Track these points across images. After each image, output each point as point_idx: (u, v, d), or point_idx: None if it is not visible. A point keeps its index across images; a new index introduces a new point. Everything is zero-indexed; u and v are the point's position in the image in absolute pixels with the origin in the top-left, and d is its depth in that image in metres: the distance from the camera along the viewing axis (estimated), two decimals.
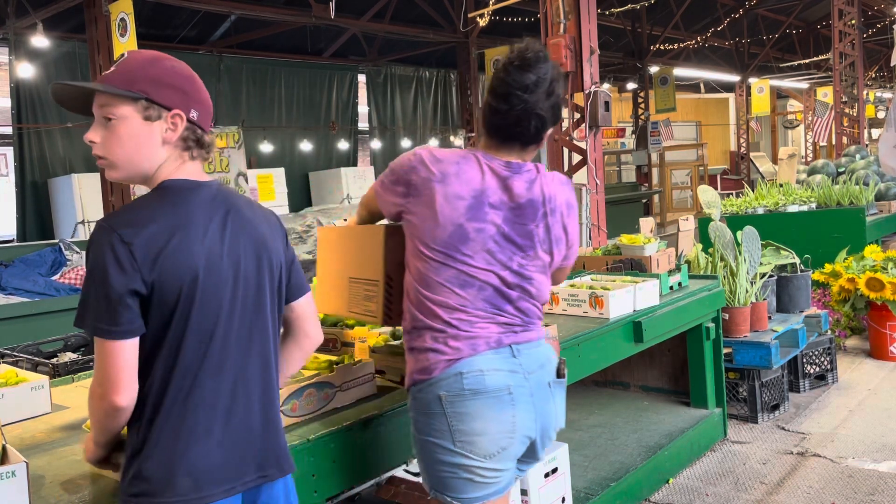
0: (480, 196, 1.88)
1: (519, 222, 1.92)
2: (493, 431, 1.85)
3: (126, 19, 7.49)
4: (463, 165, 1.91)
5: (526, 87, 1.87)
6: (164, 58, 1.59)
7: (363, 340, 2.64)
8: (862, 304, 5.47)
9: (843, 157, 9.44)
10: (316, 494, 1.96)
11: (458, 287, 1.88)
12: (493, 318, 1.90)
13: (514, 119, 1.90)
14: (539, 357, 1.95)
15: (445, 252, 1.87)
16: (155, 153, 1.54)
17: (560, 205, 1.98)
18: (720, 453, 3.90)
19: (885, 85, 23.33)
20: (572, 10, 5.79)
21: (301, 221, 9.74)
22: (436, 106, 16.36)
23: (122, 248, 1.41)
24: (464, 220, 1.87)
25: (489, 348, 1.88)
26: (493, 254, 1.89)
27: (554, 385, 1.97)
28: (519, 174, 1.94)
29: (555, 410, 1.98)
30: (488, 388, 1.84)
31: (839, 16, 12.03)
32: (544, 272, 1.98)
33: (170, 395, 1.48)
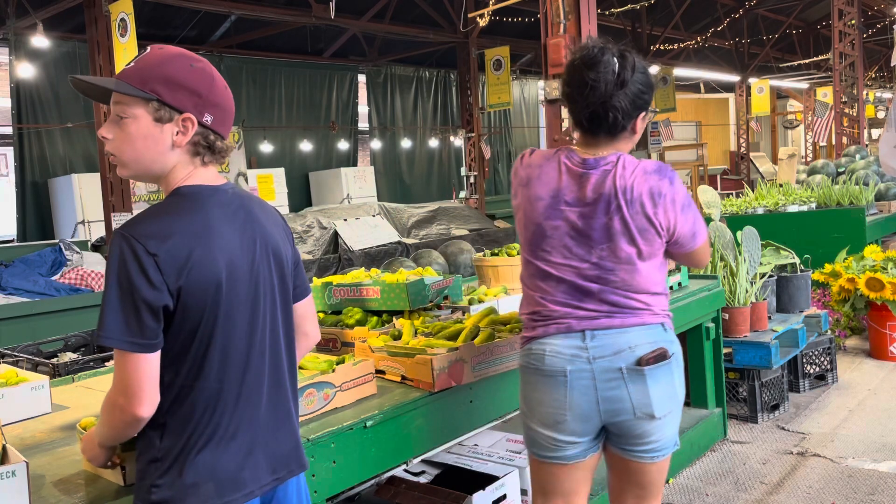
0: (557, 195, 2.02)
1: (593, 217, 1.99)
2: (547, 405, 2.03)
3: (126, 19, 7.49)
4: (545, 167, 2.06)
5: (589, 83, 1.95)
6: (184, 56, 1.54)
7: (363, 340, 2.64)
8: (862, 304, 5.47)
9: (843, 158, 9.44)
10: (316, 494, 1.96)
11: (540, 280, 2.06)
12: (570, 308, 2.02)
13: (588, 114, 1.99)
14: (617, 344, 1.99)
15: (530, 250, 2.08)
16: (165, 155, 1.52)
17: (640, 195, 1.96)
18: (720, 453, 3.90)
19: (885, 85, 23.33)
20: (572, 10, 5.79)
21: (301, 221, 9.74)
22: (436, 106, 16.36)
23: (148, 260, 1.39)
24: (542, 220, 2.03)
25: (559, 332, 2.02)
26: (570, 249, 2.01)
27: (630, 371, 1.97)
28: (595, 169, 2.00)
29: (635, 395, 1.98)
30: (545, 367, 2.02)
31: (839, 16, 12.02)
32: (631, 263, 1.99)
33: (195, 403, 1.47)
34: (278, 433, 1.60)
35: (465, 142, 13.41)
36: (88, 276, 7.27)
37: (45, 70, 10.52)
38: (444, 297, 3.01)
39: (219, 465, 1.48)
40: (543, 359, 2.02)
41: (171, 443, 1.46)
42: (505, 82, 12.80)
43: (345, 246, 9.29)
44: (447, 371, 2.31)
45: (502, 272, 3.56)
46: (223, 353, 1.49)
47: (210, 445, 1.48)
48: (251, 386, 1.54)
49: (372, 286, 2.93)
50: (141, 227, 1.43)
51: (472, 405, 2.46)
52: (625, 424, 2.01)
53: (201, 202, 1.51)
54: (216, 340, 1.48)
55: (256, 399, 1.55)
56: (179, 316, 1.44)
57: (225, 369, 1.49)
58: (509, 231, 11.42)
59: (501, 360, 2.47)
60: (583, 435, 2.04)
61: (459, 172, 15.16)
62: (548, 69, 5.91)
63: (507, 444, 3.00)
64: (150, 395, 1.42)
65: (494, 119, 17.14)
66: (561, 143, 6.07)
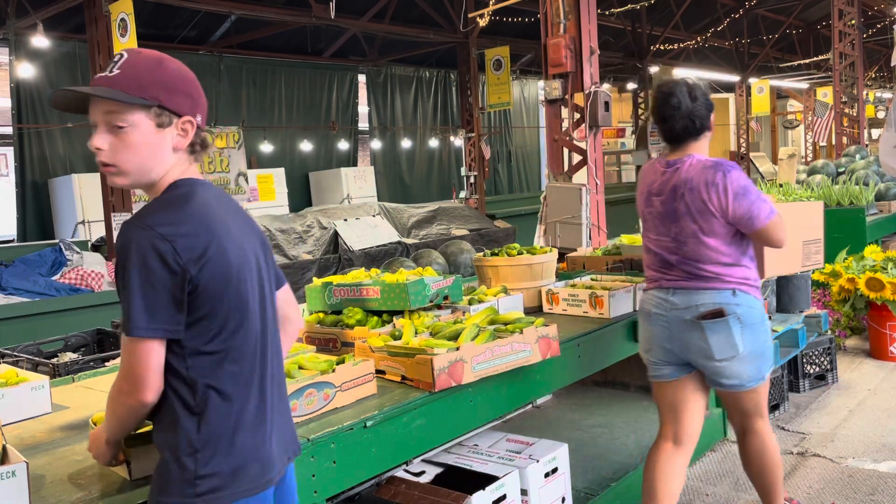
0: (650, 189, 2.77)
1: (668, 203, 2.68)
2: (643, 335, 2.82)
3: (126, 19, 7.48)
4: (646, 169, 2.84)
5: (664, 114, 2.70)
6: (167, 59, 1.56)
7: (363, 340, 2.64)
8: (862, 304, 5.47)
9: (843, 158, 9.44)
10: (316, 495, 1.96)
11: (646, 253, 2.84)
12: (661, 272, 2.74)
13: (665, 134, 2.75)
14: (689, 301, 2.64)
15: (642, 232, 2.86)
16: (166, 160, 1.53)
17: (697, 184, 2.60)
18: (720, 453, 3.90)
19: (885, 85, 23.32)
20: (572, 10, 5.79)
21: (301, 221, 9.74)
22: (436, 106, 16.36)
23: (166, 247, 1.40)
24: (643, 209, 2.81)
25: (654, 287, 2.77)
26: (658, 228, 2.74)
27: (692, 323, 2.61)
28: (673, 167, 2.70)
29: (695, 342, 2.61)
30: (642, 309, 2.83)
31: (839, 16, 12.02)
32: (696, 237, 2.62)
33: (229, 388, 1.50)
34: (285, 414, 1.68)
35: (465, 142, 13.40)
36: (88, 276, 7.27)
37: (45, 70, 10.51)
38: (445, 297, 3.00)
39: (259, 445, 1.53)
40: (643, 304, 2.81)
41: (211, 430, 1.48)
42: (505, 82, 12.80)
43: (345, 246, 9.29)
44: (447, 371, 2.31)
45: (502, 272, 3.56)
46: (245, 338, 1.54)
47: (247, 427, 1.52)
48: (270, 370, 1.61)
49: (372, 286, 2.93)
50: (154, 217, 1.44)
51: (473, 405, 2.46)
52: (696, 363, 2.66)
53: (200, 195, 1.53)
54: (240, 326, 1.52)
55: (273, 382, 1.62)
56: (202, 304, 1.46)
57: (249, 353, 1.54)
58: (509, 231, 11.42)
59: (502, 360, 2.47)
60: (667, 360, 2.72)
61: (459, 172, 15.16)
62: (548, 69, 5.90)
63: (506, 443, 3.00)
64: (156, 382, 1.45)
65: (494, 119, 17.13)
66: (561, 143, 6.07)
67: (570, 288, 3.45)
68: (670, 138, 2.72)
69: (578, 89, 5.86)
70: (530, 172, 18.39)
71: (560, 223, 5.67)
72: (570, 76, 5.86)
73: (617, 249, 4.04)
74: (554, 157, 6.15)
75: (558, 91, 5.89)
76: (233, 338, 1.51)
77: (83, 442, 2.07)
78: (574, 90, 5.89)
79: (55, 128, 10.74)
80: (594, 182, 5.83)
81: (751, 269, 2.67)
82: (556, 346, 2.64)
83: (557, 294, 3.43)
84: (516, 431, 3.20)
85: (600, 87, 5.84)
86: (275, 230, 9.21)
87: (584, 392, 4.39)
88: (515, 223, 11.99)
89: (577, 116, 6.01)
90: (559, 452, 2.87)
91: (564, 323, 3.17)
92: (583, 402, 4.23)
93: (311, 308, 3.18)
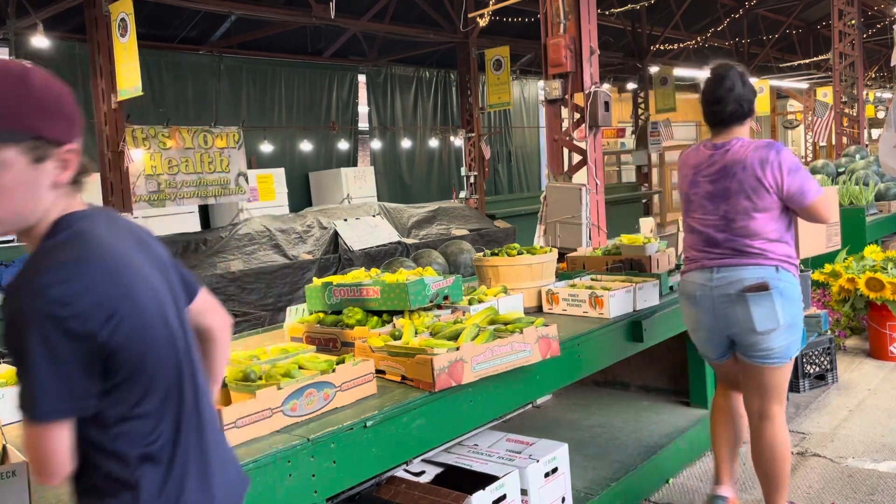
0: (696, 170, 2.90)
1: (721, 182, 2.80)
2: (688, 318, 2.99)
3: (126, 20, 7.49)
4: (689, 153, 2.98)
5: (718, 96, 2.84)
6: (33, 72, 1.25)
7: (363, 340, 2.64)
8: (862, 304, 5.47)
9: (843, 158, 9.44)
10: (316, 494, 1.97)
11: (689, 233, 2.95)
12: (704, 251, 2.87)
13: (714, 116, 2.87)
14: (734, 276, 2.78)
15: (684, 213, 2.99)
16: (44, 199, 1.24)
17: (751, 163, 2.74)
18: None
19: (885, 85, 23.31)
20: (572, 10, 5.79)
21: (301, 221, 9.74)
22: (436, 106, 16.35)
23: (64, 312, 1.14)
24: (688, 189, 2.93)
25: (696, 268, 2.89)
26: (705, 207, 2.86)
27: (737, 296, 2.76)
28: (720, 149, 2.84)
29: (741, 315, 2.76)
30: (685, 291, 2.96)
31: (839, 16, 12.02)
32: (748, 213, 2.76)
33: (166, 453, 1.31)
34: (226, 448, 1.49)
35: (465, 142, 13.40)
36: None
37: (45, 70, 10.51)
38: (444, 297, 3.01)
39: (207, 498, 1.36)
40: (685, 286, 2.94)
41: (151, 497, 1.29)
42: (505, 82, 12.80)
43: (345, 246, 9.29)
44: (447, 371, 2.31)
45: (502, 272, 3.56)
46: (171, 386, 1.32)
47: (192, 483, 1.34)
48: (204, 414, 1.41)
49: (372, 286, 2.93)
50: (44, 277, 1.16)
51: (472, 405, 2.46)
52: (738, 336, 2.81)
53: (95, 231, 1.27)
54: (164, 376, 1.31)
55: (209, 428, 1.42)
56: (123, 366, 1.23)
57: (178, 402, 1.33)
58: (509, 231, 11.42)
59: (502, 360, 2.47)
60: (711, 340, 2.91)
61: (459, 172, 15.16)
62: (548, 69, 5.90)
63: (506, 443, 3.00)
64: (66, 465, 1.25)
65: (494, 119, 17.13)
66: (561, 143, 6.07)
67: (570, 288, 3.45)
68: (719, 121, 2.87)
69: (578, 89, 5.86)
70: (530, 172, 18.39)
71: (560, 223, 5.67)
72: (570, 76, 5.86)
73: (617, 249, 4.04)
74: (554, 157, 6.15)
75: (558, 91, 5.89)
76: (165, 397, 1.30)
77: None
78: (574, 90, 5.89)
79: None
80: (594, 182, 5.82)
81: (792, 246, 2.83)
82: (556, 346, 2.64)
83: (557, 294, 3.43)
84: (516, 431, 3.21)
85: (600, 87, 5.84)
86: (275, 230, 9.21)
87: (584, 392, 4.39)
88: (515, 223, 11.99)
89: (577, 116, 6.01)
90: (559, 452, 2.87)
91: (564, 323, 3.17)
92: (583, 402, 4.23)
93: (311, 308, 3.19)
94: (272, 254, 8.85)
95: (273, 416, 2.02)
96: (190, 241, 8.73)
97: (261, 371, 2.20)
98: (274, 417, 2.03)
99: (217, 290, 7.88)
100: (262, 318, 4.98)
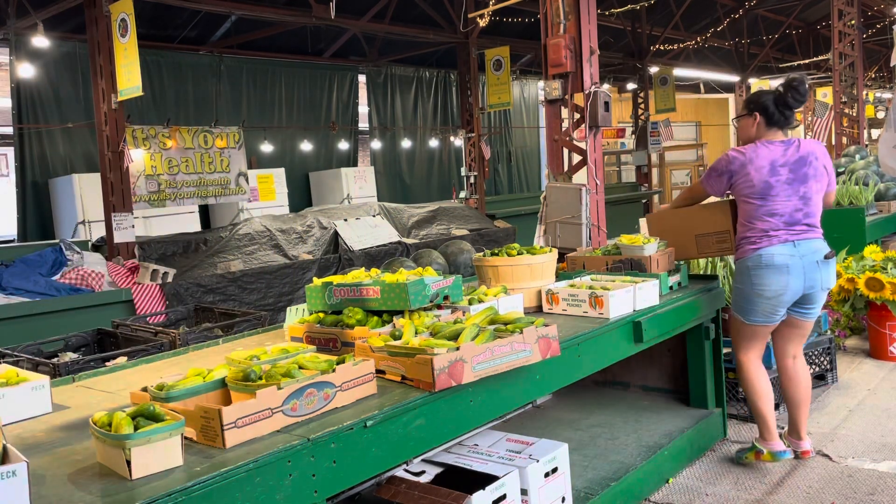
0: (774, 162, 3.46)
1: (800, 170, 3.46)
2: (776, 285, 3.45)
3: (127, 20, 7.49)
4: (758, 150, 3.49)
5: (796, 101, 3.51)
6: None
7: (363, 340, 2.64)
8: (861, 304, 5.47)
9: (843, 158, 9.44)
10: (316, 494, 1.97)
11: (768, 216, 3.47)
12: (785, 228, 3.45)
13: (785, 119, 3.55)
14: (812, 246, 3.47)
15: (760, 198, 3.48)
16: None
17: (819, 155, 3.52)
18: (720, 453, 3.90)
19: (885, 85, 23.30)
20: (572, 10, 5.78)
21: (301, 221, 9.74)
22: (436, 106, 16.35)
23: None
24: (768, 178, 3.45)
25: (777, 242, 3.45)
26: (786, 191, 3.45)
27: (822, 262, 3.48)
28: (792, 144, 3.50)
29: (822, 276, 3.49)
30: (772, 263, 3.45)
31: (839, 16, 12.02)
32: (818, 194, 3.51)
33: None
34: None
35: (465, 142, 13.40)
36: (89, 276, 7.27)
37: (45, 70, 10.51)
38: (445, 297, 3.01)
39: None
40: (773, 258, 3.43)
41: None
42: (505, 82, 12.80)
43: (345, 246, 9.29)
44: (447, 371, 2.31)
45: (502, 272, 3.56)
46: None
47: None
48: None
49: (372, 286, 2.94)
50: None
51: (472, 405, 2.46)
52: (812, 295, 3.52)
53: None
54: None
55: None
56: None
57: None
58: (509, 231, 11.41)
59: (502, 359, 2.47)
60: (790, 302, 3.51)
61: (459, 172, 15.15)
62: (548, 69, 5.90)
63: (506, 443, 3.00)
64: None
65: (494, 119, 17.14)
66: (561, 143, 6.07)
67: (570, 288, 3.45)
68: (786, 122, 3.55)
69: (578, 89, 5.86)
70: (530, 172, 18.39)
71: (560, 223, 5.67)
72: (570, 76, 5.86)
73: (617, 249, 4.04)
74: (554, 157, 6.15)
75: (558, 91, 5.89)
76: None
77: (83, 441, 2.08)
78: (574, 90, 5.89)
79: (55, 128, 10.74)
80: (594, 182, 5.82)
81: None
82: (556, 345, 2.64)
83: (557, 294, 3.43)
84: (516, 431, 3.21)
85: (600, 87, 5.84)
86: (275, 230, 9.21)
87: (584, 392, 4.39)
88: (515, 223, 11.99)
89: (576, 116, 6.01)
90: (559, 452, 2.87)
91: (564, 323, 3.17)
92: (582, 402, 4.23)
93: (312, 308, 3.19)
94: (272, 254, 8.85)
95: (273, 415, 2.02)
96: (190, 241, 8.73)
97: (261, 371, 2.20)
98: (274, 417, 2.03)
99: (217, 290, 7.88)
100: (263, 318, 4.98)
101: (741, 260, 3.56)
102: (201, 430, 1.96)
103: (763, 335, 3.63)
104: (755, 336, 3.63)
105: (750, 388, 3.67)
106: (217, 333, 4.52)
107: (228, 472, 1.78)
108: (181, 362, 3.09)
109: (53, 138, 10.82)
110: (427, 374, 2.29)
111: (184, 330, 4.55)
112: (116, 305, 7.11)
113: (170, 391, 2.11)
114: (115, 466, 1.79)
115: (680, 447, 3.66)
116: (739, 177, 3.51)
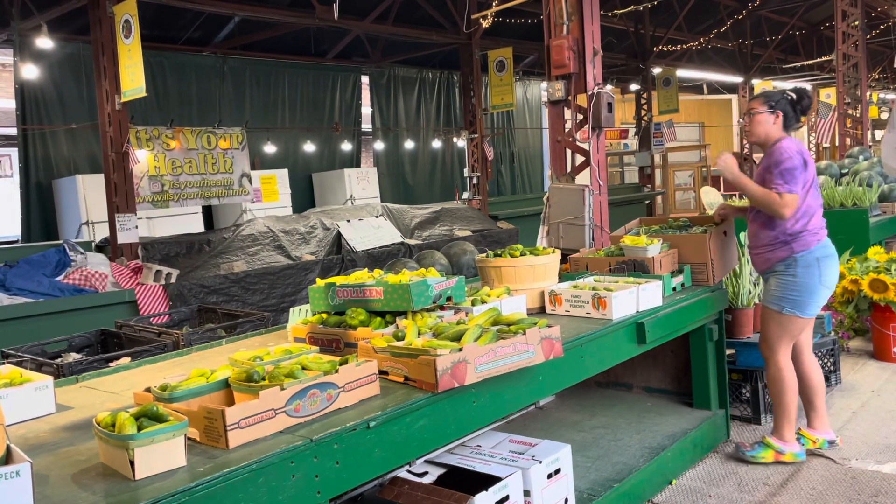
0: (810, 162, 3.58)
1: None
2: (835, 275, 3.65)
3: (130, 21, 7.50)
4: (803, 149, 3.58)
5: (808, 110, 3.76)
6: None
7: (366, 341, 2.64)
8: (865, 306, 5.46)
9: (847, 159, 9.42)
10: (319, 495, 1.97)
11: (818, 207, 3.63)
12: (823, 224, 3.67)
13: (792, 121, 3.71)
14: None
15: (814, 195, 3.61)
16: None
17: None
18: (723, 454, 3.90)
19: (889, 86, 23.26)
20: (575, 11, 5.78)
21: (304, 222, 9.74)
22: (439, 107, 16.35)
23: None
24: (814, 176, 3.60)
25: (825, 236, 3.65)
26: (818, 189, 3.64)
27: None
28: None
29: None
30: (834, 253, 3.66)
31: (842, 17, 12.00)
32: None
33: None
34: None
35: (468, 143, 13.40)
36: (92, 277, 7.29)
37: (49, 71, 10.54)
38: (447, 297, 3.01)
39: None
40: (831, 247, 3.64)
41: None
42: (508, 83, 12.79)
43: (348, 247, 9.29)
44: (450, 372, 2.31)
45: (505, 273, 3.56)
46: None
47: None
48: None
49: (375, 287, 2.94)
50: None
51: (475, 406, 2.46)
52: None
53: None
54: None
55: None
56: None
57: None
58: (512, 232, 11.41)
59: (505, 360, 2.47)
60: None
61: (462, 173, 15.15)
62: (551, 70, 5.89)
63: (509, 444, 3.00)
64: None
65: (497, 120, 17.13)
66: (563, 144, 6.07)
67: (573, 289, 3.45)
68: (796, 125, 3.74)
69: (581, 90, 5.85)
70: (533, 173, 18.38)
71: (563, 224, 5.67)
72: (573, 77, 5.85)
73: (620, 251, 4.04)
74: (557, 158, 6.14)
75: (561, 92, 5.88)
76: None
77: (87, 442, 2.08)
78: (577, 91, 5.88)
79: (59, 129, 10.76)
80: (597, 183, 5.82)
81: None
82: (559, 347, 2.64)
83: (560, 295, 3.43)
84: (519, 432, 3.21)
85: (603, 88, 5.83)
86: (278, 231, 9.22)
87: (587, 393, 4.38)
88: (518, 224, 11.98)
89: (579, 117, 6.00)
90: (562, 453, 2.87)
91: (567, 324, 3.17)
92: (585, 403, 4.23)
93: (315, 309, 3.19)
94: (275, 255, 8.86)
95: (276, 416, 2.03)
96: (193, 241, 8.74)
97: (264, 372, 2.21)
98: (277, 418, 2.03)
99: (220, 290, 7.89)
100: (266, 318, 4.98)
101: (805, 252, 3.55)
102: (204, 430, 1.96)
103: (798, 329, 3.66)
104: (802, 331, 3.69)
105: (785, 387, 3.67)
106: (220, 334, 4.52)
107: (232, 473, 1.78)
108: (184, 363, 3.10)
109: (57, 139, 10.85)
110: (430, 374, 2.29)
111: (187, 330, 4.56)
112: (120, 306, 7.12)
113: (173, 392, 2.12)
114: (119, 467, 1.79)
115: (683, 448, 3.65)
116: (808, 167, 3.57)
